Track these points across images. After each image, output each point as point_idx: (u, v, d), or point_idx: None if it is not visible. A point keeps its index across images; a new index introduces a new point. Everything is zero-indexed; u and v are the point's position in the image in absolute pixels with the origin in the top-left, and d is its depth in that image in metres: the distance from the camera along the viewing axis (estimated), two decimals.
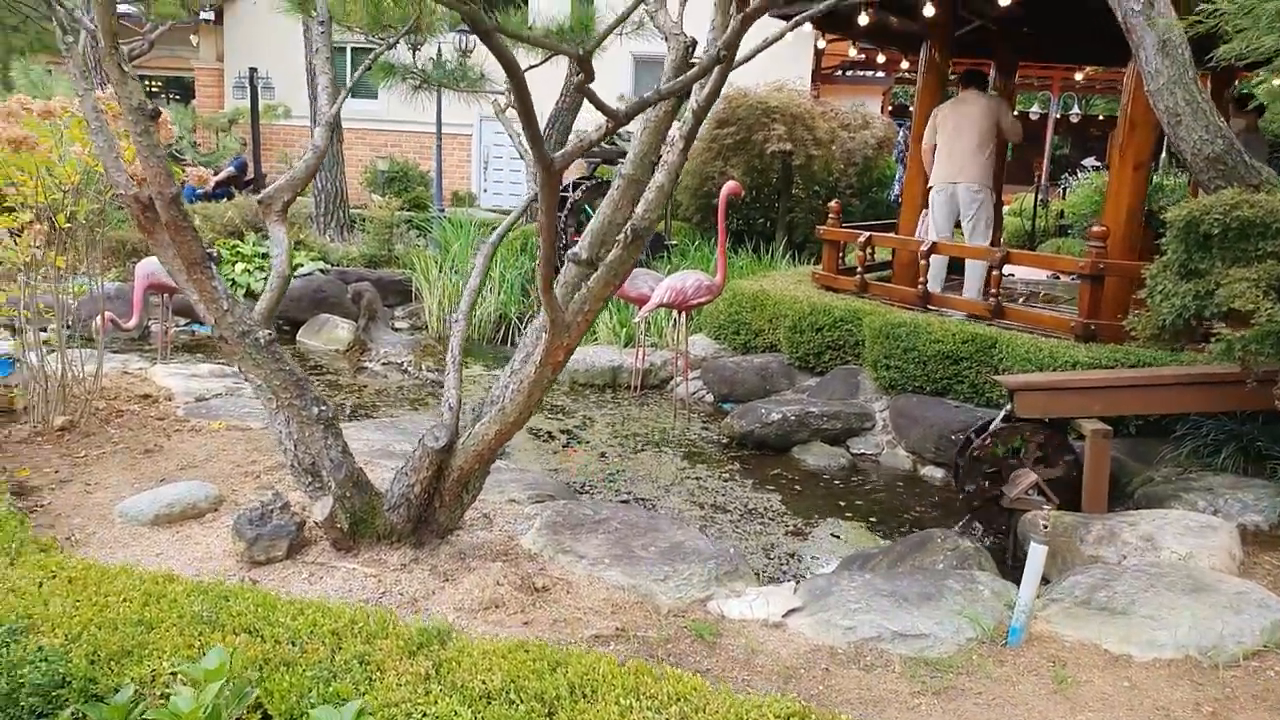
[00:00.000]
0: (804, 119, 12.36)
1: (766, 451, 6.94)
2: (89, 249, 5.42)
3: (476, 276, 4.25)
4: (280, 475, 4.80)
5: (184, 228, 3.43)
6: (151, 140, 3.31)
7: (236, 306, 3.63)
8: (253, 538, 3.71)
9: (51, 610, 2.62)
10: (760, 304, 8.49)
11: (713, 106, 3.33)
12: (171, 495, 4.19)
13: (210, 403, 6.11)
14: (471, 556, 3.94)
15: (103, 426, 5.42)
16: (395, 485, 3.82)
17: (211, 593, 2.80)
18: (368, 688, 2.37)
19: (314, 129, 4.25)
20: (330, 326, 9.86)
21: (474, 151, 19.91)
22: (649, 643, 3.46)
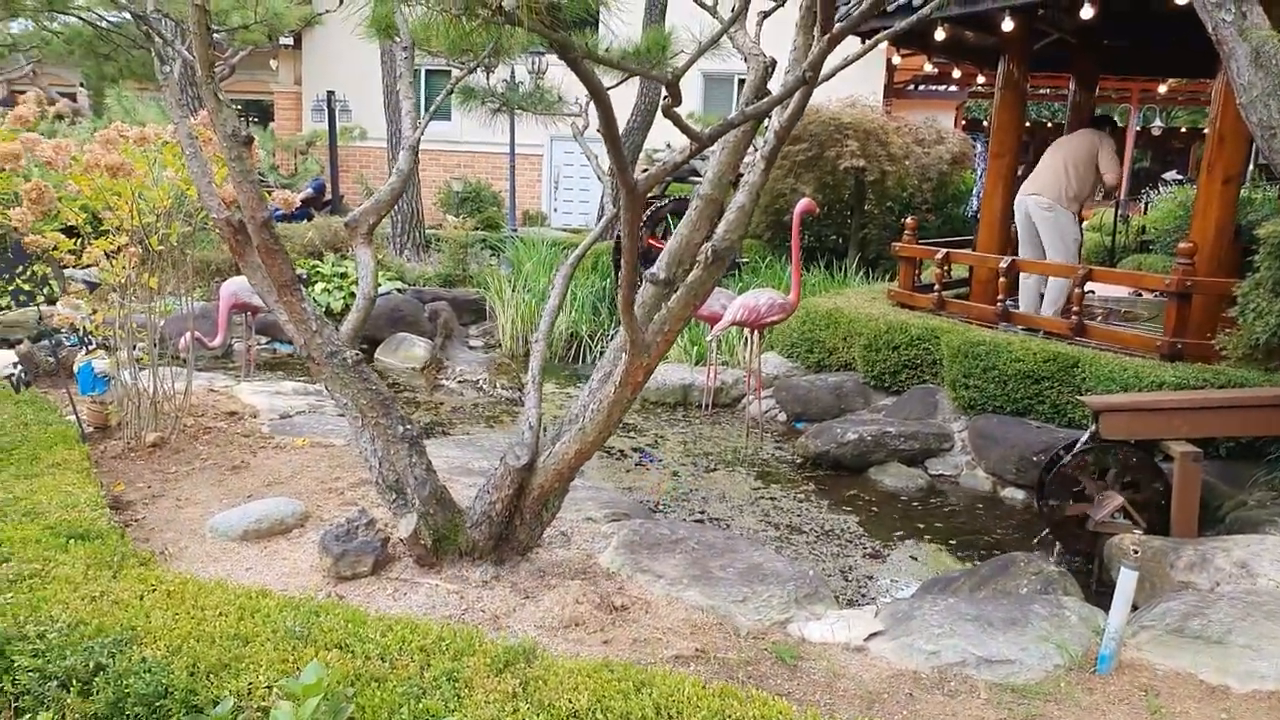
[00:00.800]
0: (877, 134, 12.28)
1: (842, 472, 6.88)
2: (177, 270, 5.59)
3: (556, 297, 4.29)
4: (364, 492, 4.89)
5: (275, 250, 3.53)
6: (244, 166, 3.42)
7: (325, 327, 3.72)
8: (339, 554, 3.79)
9: (153, 623, 2.71)
10: (834, 322, 8.43)
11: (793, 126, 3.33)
12: (259, 511, 4.29)
13: (294, 420, 6.26)
14: (551, 574, 3.97)
15: (191, 443, 5.58)
16: (477, 502, 3.87)
17: (303, 608, 2.86)
18: (456, 705, 2.39)
19: (397, 152, 4.34)
20: (408, 345, 10.03)
21: (545, 171, 20.15)
22: (729, 664, 3.44)
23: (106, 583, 2.97)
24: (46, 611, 2.76)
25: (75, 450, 4.41)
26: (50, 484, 3.86)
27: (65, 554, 3.17)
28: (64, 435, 4.59)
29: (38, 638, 2.64)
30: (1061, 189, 7.63)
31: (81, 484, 3.93)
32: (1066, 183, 7.62)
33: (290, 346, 10.59)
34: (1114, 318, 7.94)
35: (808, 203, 7.50)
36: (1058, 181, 7.64)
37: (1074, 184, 7.63)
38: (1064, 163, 7.65)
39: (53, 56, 20.12)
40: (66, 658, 2.57)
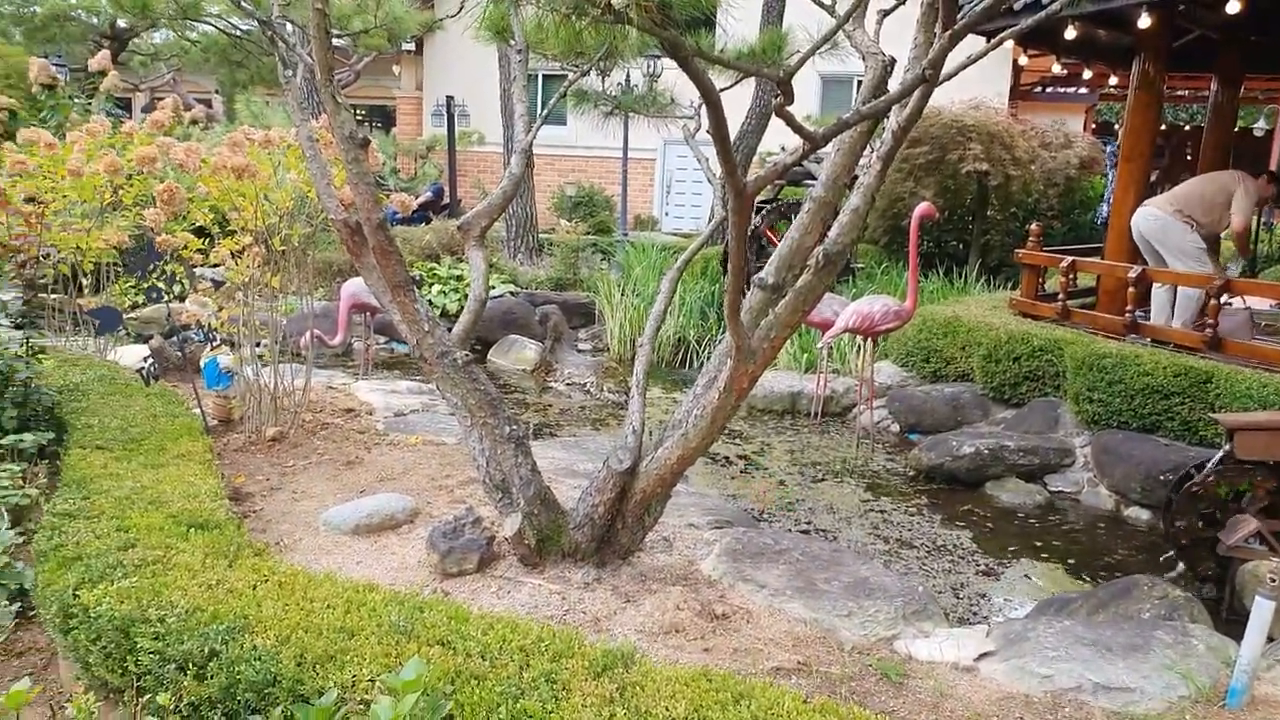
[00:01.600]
0: (1002, 137, 11.93)
1: (956, 486, 6.67)
2: (299, 270, 5.78)
3: (662, 302, 4.27)
4: (472, 490, 4.95)
5: (389, 252, 3.60)
6: (361, 168, 3.49)
7: (437, 328, 3.77)
8: (446, 550, 3.84)
9: (264, 612, 2.78)
10: (953, 330, 8.20)
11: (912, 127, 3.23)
12: (371, 506, 4.39)
13: (408, 418, 6.39)
14: (652, 579, 3.94)
15: (309, 438, 5.75)
16: (580, 505, 3.88)
17: (407, 603, 2.90)
18: (554, 707, 2.38)
19: (509, 156, 4.38)
20: (518, 347, 10.16)
21: (657, 175, 20.20)
22: (831, 679, 3.36)
23: (223, 571, 3.06)
24: (167, 597, 2.86)
25: (199, 442, 4.58)
26: (174, 474, 4.02)
27: (186, 542, 3.29)
28: (190, 428, 4.78)
29: (158, 621, 2.74)
30: (1179, 207, 7.23)
31: (203, 475, 4.08)
32: (1192, 205, 7.22)
33: (406, 346, 10.86)
34: (1257, 332, 7.50)
35: (927, 207, 7.30)
36: (1180, 199, 7.25)
37: (1199, 210, 7.21)
38: (1200, 188, 7.27)
39: (191, 64, 21.18)
40: (184, 642, 2.66)
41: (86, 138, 6.53)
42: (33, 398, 4.84)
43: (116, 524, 3.39)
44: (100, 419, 4.75)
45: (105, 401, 5.09)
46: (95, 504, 3.58)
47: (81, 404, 5.04)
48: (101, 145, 6.55)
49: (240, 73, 19.80)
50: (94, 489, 3.75)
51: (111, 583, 2.95)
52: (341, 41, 13.31)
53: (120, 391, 5.31)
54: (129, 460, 4.19)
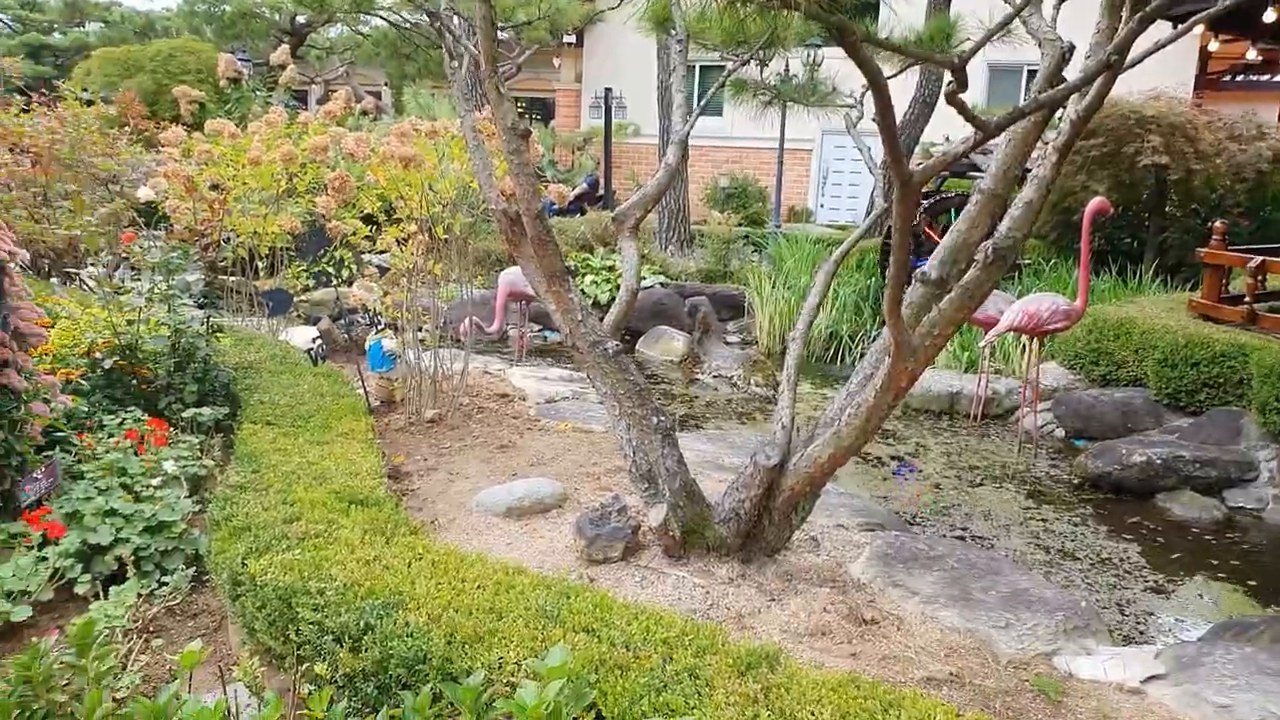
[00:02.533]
0: (1184, 129, 11.18)
1: (1124, 496, 6.31)
2: (460, 258, 5.93)
3: (815, 295, 4.18)
4: (618, 478, 4.98)
5: (547, 242, 3.64)
6: (522, 159, 3.54)
7: (589, 318, 3.80)
8: (592, 537, 3.87)
9: (417, 590, 2.85)
10: (1126, 332, 7.75)
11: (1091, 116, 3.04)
12: (522, 490, 4.46)
13: (559, 405, 6.49)
14: (798, 578, 3.87)
15: (465, 421, 5.91)
16: (726, 499, 3.84)
17: (554, 588, 2.92)
18: (697, 703, 2.36)
19: (665, 147, 4.36)
20: (667, 338, 10.19)
21: (813, 166, 19.89)
22: (985, 693, 3.21)
23: (380, 548, 3.16)
24: (327, 570, 2.97)
25: (362, 422, 4.76)
26: (338, 452, 4.18)
27: (346, 518, 3.42)
28: (354, 407, 4.97)
29: (318, 593, 2.85)
30: None
31: (365, 453, 4.23)
32: None
33: (559, 334, 11.05)
34: None
35: (1101, 202, 6.92)
36: None
37: None
38: None
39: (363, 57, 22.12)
40: (341, 615, 2.76)
41: (265, 128, 6.88)
42: (211, 374, 5.13)
43: (283, 497, 3.55)
44: (271, 396, 5.00)
45: (276, 380, 5.35)
46: (264, 477, 3.76)
47: (254, 381, 5.31)
48: (279, 135, 6.89)
49: (409, 65, 20.55)
50: (264, 463, 3.94)
51: (276, 554, 3.09)
52: (505, 34, 13.61)
53: (290, 370, 5.57)
54: (297, 436, 4.38)
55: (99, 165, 7.59)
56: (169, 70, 16.28)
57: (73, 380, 4.69)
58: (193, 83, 15.14)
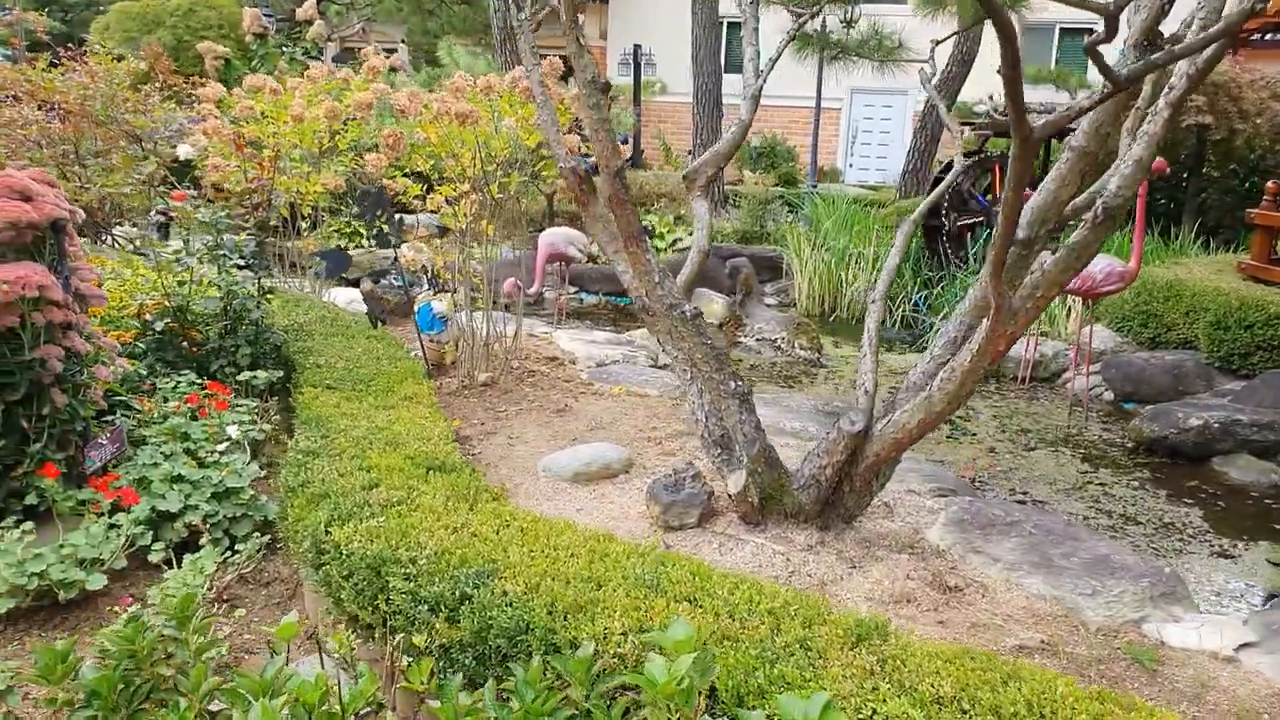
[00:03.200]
0: (1228, 88, 10.94)
1: (1179, 460, 6.20)
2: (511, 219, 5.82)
3: (895, 256, 4.07)
4: (681, 443, 4.90)
5: (624, 201, 3.53)
6: (602, 114, 3.42)
7: (666, 279, 3.70)
8: (668, 503, 3.80)
9: (511, 558, 2.79)
10: (1175, 294, 7.61)
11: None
12: (588, 455, 4.39)
13: (610, 368, 6.40)
14: (876, 545, 3.79)
15: (518, 384, 5.83)
16: (805, 465, 3.76)
17: (648, 557, 2.85)
18: (812, 675, 2.29)
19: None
20: (706, 300, 10.06)
21: (842, 126, 19.63)
22: (1078, 661, 3.15)
23: (465, 515, 3.10)
24: (414, 538, 2.91)
25: (423, 385, 4.69)
26: (405, 416, 4.12)
27: (426, 484, 3.35)
28: (412, 371, 4.90)
29: (409, 562, 2.79)
30: None
31: (433, 418, 4.16)
32: None
33: (594, 295, 10.93)
34: None
35: (1159, 162, 6.74)
36: None
37: None
38: None
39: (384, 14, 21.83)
40: (435, 584, 2.70)
41: (307, 84, 6.75)
42: (263, 336, 5.06)
43: (358, 463, 3.48)
44: (326, 359, 4.93)
45: (329, 343, 5.28)
46: (335, 443, 3.70)
47: (306, 344, 5.24)
48: (321, 91, 6.77)
49: (431, 21, 20.28)
50: (332, 428, 3.88)
51: (360, 521, 3.03)
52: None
53: (342, 333, 5.50)
54: (360, 400, 4.32)
55: (133, 122, 7.48)
56: (189, 25, 16.10)
57: (125, 343, 4.63)
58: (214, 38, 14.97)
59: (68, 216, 3.54)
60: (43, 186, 3.55)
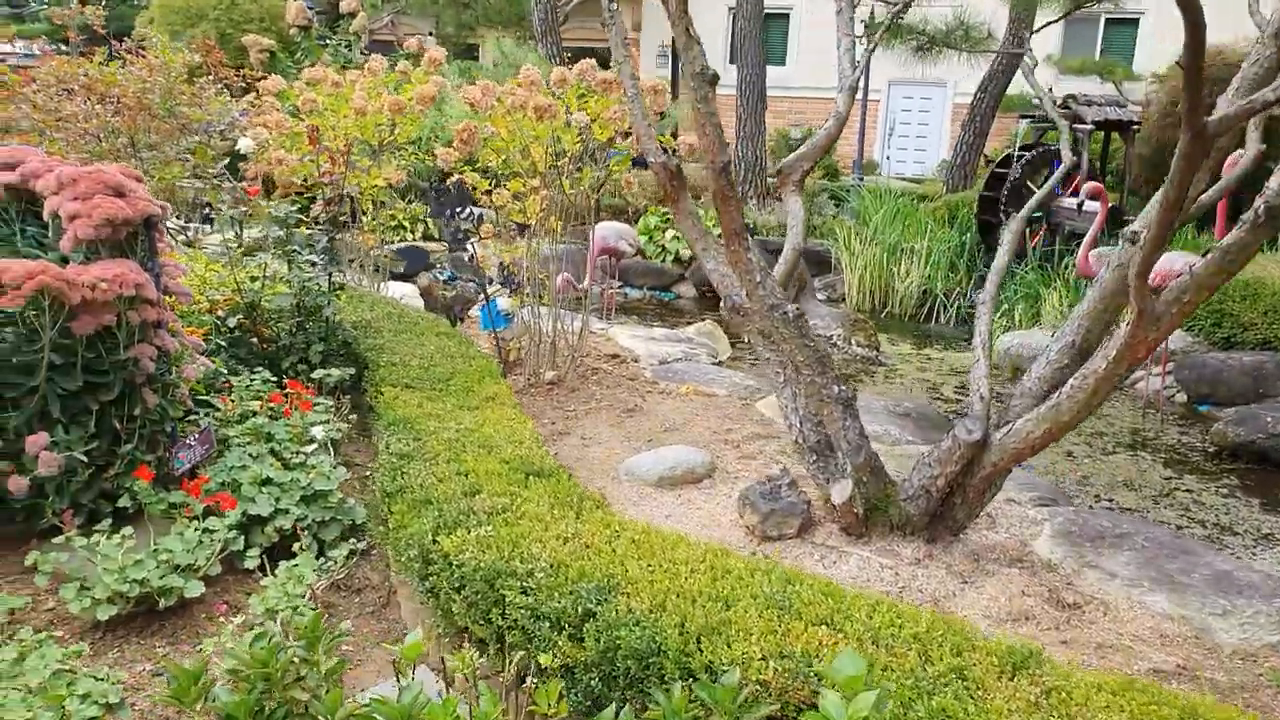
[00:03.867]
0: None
1: (1268, 466, 6.01)
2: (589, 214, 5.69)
3: (1004, 255, 3.91)
4: (759, 446, 4.76)
5: (730, 198, 3.39)
6: (710, 107, 3.28)
7: (768, 279, 3.56)
8: (766, 512, 3.66)
9: (630, 572, 2.66)
10: (1254, 294, 7.40)
11: None
12: (672, 459, 4.26)
13: (673, 366, 6.27)
14: (985, 559, 3.64)
15: (584, 383, 5.71)
16: (915, 475, 3.61)
17: (773, 574, 2.71)
18: (975, 709, 2.15)
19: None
20: None
21: (880, 118, 19.36)
22: (1219, 687, 2.99)
23: (573, 524, 2.97)
24: (526, 548, 2.78)
25: (502, 385, 4.57)
26: (492, 417, 3.99)
27: (526, 490, 3.22)
28: (488, 370, 4.78)
29: (525, 575, 2.66)
30: None
31: (519, 420, 4.04)
32: None
33: (638, 290, 10.79)
34: None
35: None
36: None
37: None
38: None
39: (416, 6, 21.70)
40: (555, 599, 2.57)
41: (367, 76, 6.64)
42: (334, 333, 4.95)
43: (454, 467, 3.36)
44: (401, 357, 4.81)
45: (399, 340, 5.16)
46: (428, 445, 3.58)
47: (377, 341, 5.13)
48: (380, 84, 6.65)
49: (466, 14, 20.13)
50: (421, 429, 3.76)
51: (468, 530, 2.90)
52: None
53: (409, 330, 5.38)
54: (442, 400, 4.20)
55: (190, 115, 7.38)
56: (232, 19, 16.03)
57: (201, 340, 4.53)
58: (257, 30, 14.94)
59: (160, 212, 3.43)
60: (132, 181, 3.44)
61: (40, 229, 3.80)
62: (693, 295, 10.56)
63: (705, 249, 3.97)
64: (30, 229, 3.79)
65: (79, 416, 3.30)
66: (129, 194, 3.40)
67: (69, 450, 3.21)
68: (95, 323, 3.15)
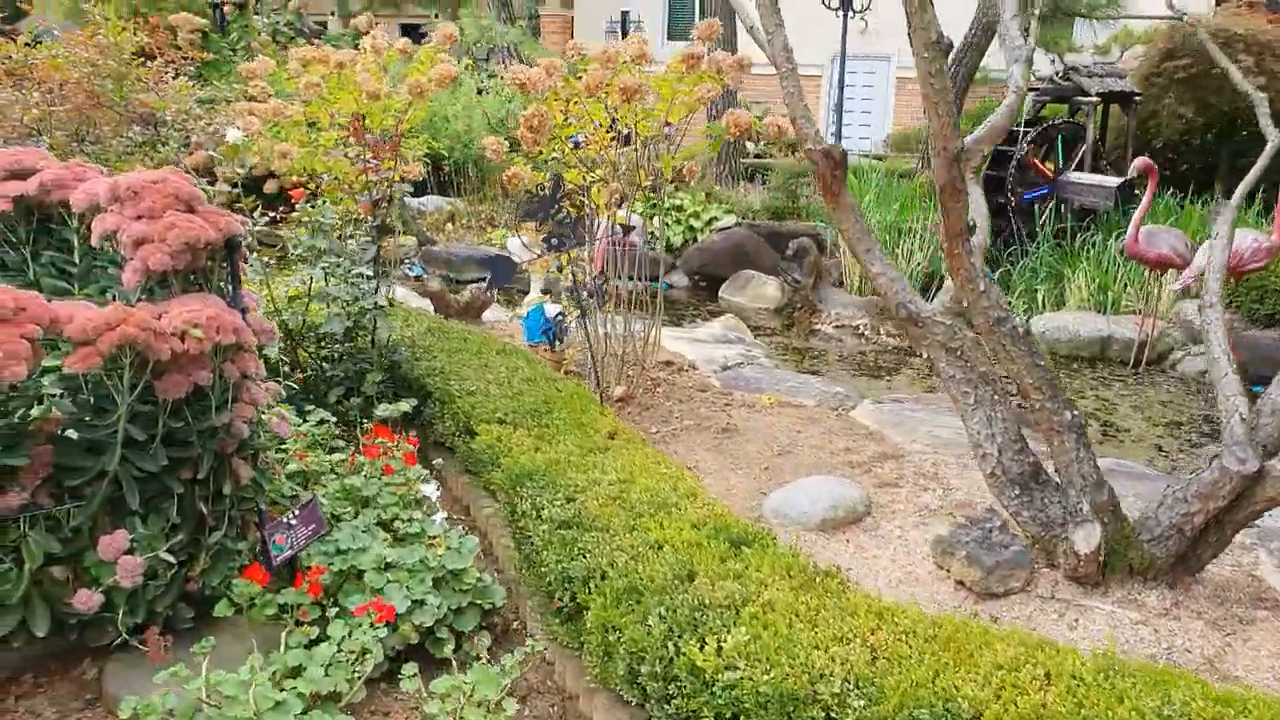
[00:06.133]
0: (1274, 47, 10.56)
1: None
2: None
3: (1221, 251, 3.40)
4: (895, 470, 4.20)
5: (960, 192, 2.80)
6: (942, 82, 2.67)
7: (992, 288, 2.98)
8: (990, 566, 3.08)
9: (966, 691, 2.05)
10: None
11: None
12: (827, 496, 3.65)
13: (738, 373, 5.64)
14: (1228, 600, 3.14)
15: (653, 397, 5.06)
16: (1163, 512, 3.07)
17: (1140, 681, 2.13)
18: None
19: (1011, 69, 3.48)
20: (756, 283, 9.35)
21: (823, 94, 18.99)
22: None
23: (837, 619, 2.33)
24: (806, 659, 2.15)
25: (608, 414, 3.91)
26: (634, 462, 3.31)
27: (743, 564, 2.58)
28: (581, 394, 4.10)
29: (835, 703, 2.04)
30: None
31: (663, 462, 3.38)
32: None
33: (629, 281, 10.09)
34: None
35: None
36: None
37: None
38: None
39: None
40: None
41: (368, 55, 5.81)
42: (389, 359, 4.22)
43: (640, 537, 2.70)
44: (475, 384, 4.11)
45: (456, 360, 4.44)
46: (588, 508, 2.90)
47: (431, 363, 4.40)
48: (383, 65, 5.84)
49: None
50: (564, 484, 3.07)
51: (714, 635, 2.26)
52: None
53: (462, 347, 4.66)
54: (558, 441, 3.50)
55: (153, 104, 6.44)
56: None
57: None
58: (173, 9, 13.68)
59: (242, 230, 2.67)
60: (198, 190, 2.67)
61: (61, 253, 3.01)
62: (686, 284, 9.93)
63: (869, 250, 3.41)
64: (46, 253, 3.00)
65: (158, 502, 2.54)
66: (201, 208, 2.63)
67: (151, 550, 2.46)
68: (187, 382, 2.40)
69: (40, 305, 2.21)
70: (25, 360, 2.11)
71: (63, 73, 6.39)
